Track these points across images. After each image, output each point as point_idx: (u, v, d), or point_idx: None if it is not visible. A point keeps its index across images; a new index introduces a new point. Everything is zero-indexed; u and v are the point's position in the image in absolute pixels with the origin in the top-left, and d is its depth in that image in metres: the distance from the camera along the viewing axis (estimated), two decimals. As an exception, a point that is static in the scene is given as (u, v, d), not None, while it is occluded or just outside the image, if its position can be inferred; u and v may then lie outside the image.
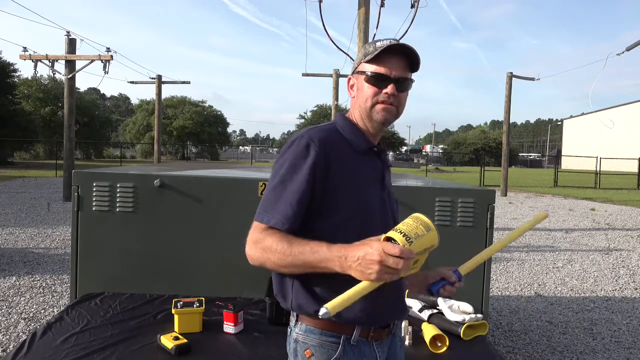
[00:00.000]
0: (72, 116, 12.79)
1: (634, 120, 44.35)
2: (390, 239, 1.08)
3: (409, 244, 1.06)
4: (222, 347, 2.12)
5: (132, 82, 19.79)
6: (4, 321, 4.01)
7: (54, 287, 4.98)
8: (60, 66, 16.28)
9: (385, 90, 1.28)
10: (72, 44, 12.61)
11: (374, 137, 1.37)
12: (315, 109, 52.75)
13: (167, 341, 2.04)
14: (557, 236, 9.26)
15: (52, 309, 4.33)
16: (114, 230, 2.80)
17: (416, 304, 2.56)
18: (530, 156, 74.57)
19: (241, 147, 73.04)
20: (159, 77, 19.62)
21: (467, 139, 63.55)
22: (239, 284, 2.78)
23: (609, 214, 13.12)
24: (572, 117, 61.61)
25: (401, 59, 1.29)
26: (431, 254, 1.40)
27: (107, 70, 13.04)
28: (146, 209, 2.80)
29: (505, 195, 17.66)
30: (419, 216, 1.13)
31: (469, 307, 2.46)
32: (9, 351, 2.65)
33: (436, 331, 2.22)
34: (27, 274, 5.45)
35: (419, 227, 1.11)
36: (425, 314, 2.47)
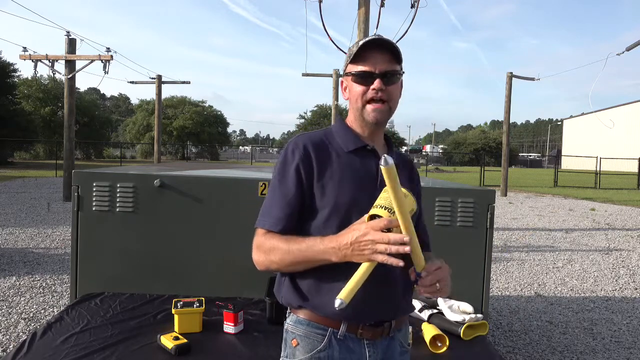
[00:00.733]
0: (72, 116, 12.79)
1: (634, 120, 44.34)
2: (373, 217, 1.15)
3: (392, 215, 1.11)
4: (222, 347, 2.12)
5: (132, 82, 19.79)
6: (4, 321, 4.01)
7: (54, 287, 4.98)
8: (60, 66, 16.29)
9: (372, 86, 1.29)
10: (72, 44, 12.61)
11: (370, 137, 1.38)
12: (315, 109, 52.66)
13: (167, 341, 2.04)
14: (557, 236, 9.26)
15: (52, 309, 4.33)
16: (114, 230, 2.80)
17: (416, 304, 2.56)
18: (530, 156, 74.59)
19: (241, 147, 73.03)
20: (159, 77, 19.62)
21: (467, 139, 63.59)
22: (239, 284, 2.78)
23: (609, 214, 13.12)
24: (572, 117, 61.62)
25: (384, 52, 1.30)
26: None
27: (107, 70, 13.05)
28: (146, 209, 2.80)
29: (505, 195, 17.67)
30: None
31: (469, 307, 2.46)
32: (9, 351, 2.65)
33: (436, 331, 2.22)
34: (27, 274, 5.45)
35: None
36: (425, 314, 2.47)
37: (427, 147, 68.61)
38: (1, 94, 28.60)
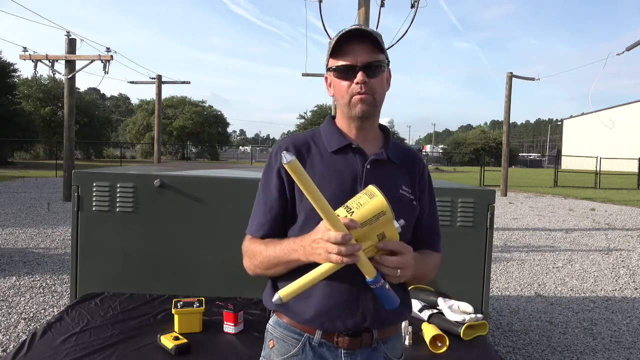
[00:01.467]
0: (72, 116, 12.79)
1: (634, 120, 44.35)
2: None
3: (350, 214, 1.08)
4: (222, 347, 2.12)
5: (132, 82, 19.79)
6: (4, 321, 4.01)
7: (54, 287, 4.98)
8: (60, 66, 16.27)
9: (355, 80, 1.23)
10: (72, 44, 12.61)
11: (358, 134, 1.31)
12: (315, 109, 52.67)
13: (167, 341, 2.04)
14: (557, 236, 9.26)
15: (52, 309, 4.33)
16: (114, 230, 2.80)
17: (416, 304, 2.56)
18: (530, 156, 74.56)
19: (241, 147, 72.92)
20: (159, 77, 19.63)
21: (467, 139, 63.62)
22: (239, 284, 2.78)
23: (609, 214, 13.12)
24: (572, 117, 61.62)
25: (364, 43, 1.23)
26: None
27: (107, 70, 13.06)
28: (146, 209, 2.80)
29: (505, 195, 17.67)
30: (368, 187, 1.13)
31: (469, 307, 2.46)
32: (9, 351, 2.65)
33: (436, 331, 2.22)
34: (27, 274, 5.45)
35: (362, 197, 1.11)
36: (425, 314, 2.47)
37: (427, 147, 68.53)
38: (1, 94, 28.61)
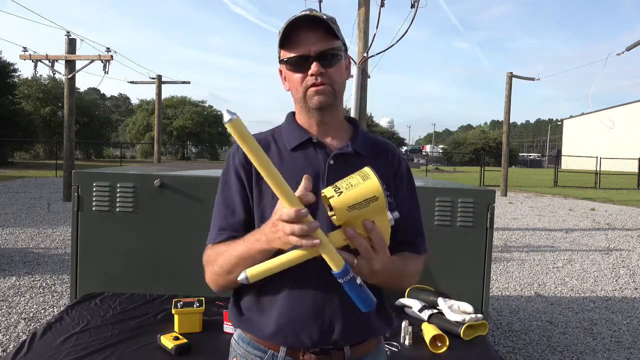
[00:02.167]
0: (72, 116, 12.78)
1: (634, 120, 44.34)
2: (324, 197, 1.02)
3: (338, 195, 0.97)
4: (222, 347, 2.11)
5: (132, 82, 19.79)
6: (4, 321, 4.01)
7: (54, 287, 4.98)
8: (60, 66, 16.23)
9: (310, 71, 1.12)
10: (72, 44, 12.61)
11: (320, 128, 1.21)
12: (315, 109, 52.63)
13: (167, 341, 2.04)
14: (557, 236, 9.26)
15: (52, 309, 4.33)
16: (114, 230, 2.80)
17: (416, 304, 2.56)
18: (530, 156, 74.59)
19: (241, 147, 72.80)
20: (159, 77, 19.63)
21: (467, 139, 63.60)
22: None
23: (609, 214, 13.12)
24: (572, 117, 61.62)
25: (316, 30, 1.12)
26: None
27: (107, 70, 13.06)
28: (146, 209, 2.80)
29: (505, 195, 17.66)
30: (364, 168, 1.02)
31: (469, 307, 2.46)
32: (9, 351, 2.65)
33: (436, 331, 2.22)
34: (27, 274, 5.45)
35: (354, 177, 1.00)
36: (425, 314, 2.47)
37: (427, 147, 68.60)
38: (1, 94, 28.61)
